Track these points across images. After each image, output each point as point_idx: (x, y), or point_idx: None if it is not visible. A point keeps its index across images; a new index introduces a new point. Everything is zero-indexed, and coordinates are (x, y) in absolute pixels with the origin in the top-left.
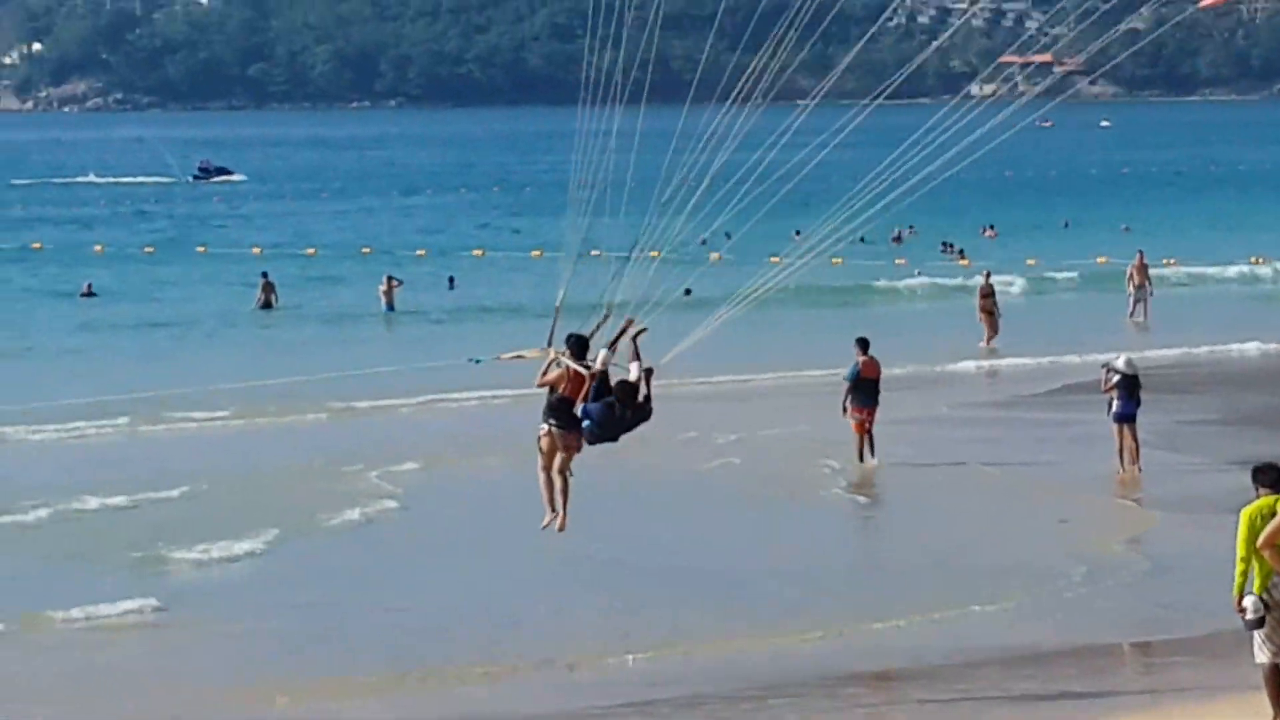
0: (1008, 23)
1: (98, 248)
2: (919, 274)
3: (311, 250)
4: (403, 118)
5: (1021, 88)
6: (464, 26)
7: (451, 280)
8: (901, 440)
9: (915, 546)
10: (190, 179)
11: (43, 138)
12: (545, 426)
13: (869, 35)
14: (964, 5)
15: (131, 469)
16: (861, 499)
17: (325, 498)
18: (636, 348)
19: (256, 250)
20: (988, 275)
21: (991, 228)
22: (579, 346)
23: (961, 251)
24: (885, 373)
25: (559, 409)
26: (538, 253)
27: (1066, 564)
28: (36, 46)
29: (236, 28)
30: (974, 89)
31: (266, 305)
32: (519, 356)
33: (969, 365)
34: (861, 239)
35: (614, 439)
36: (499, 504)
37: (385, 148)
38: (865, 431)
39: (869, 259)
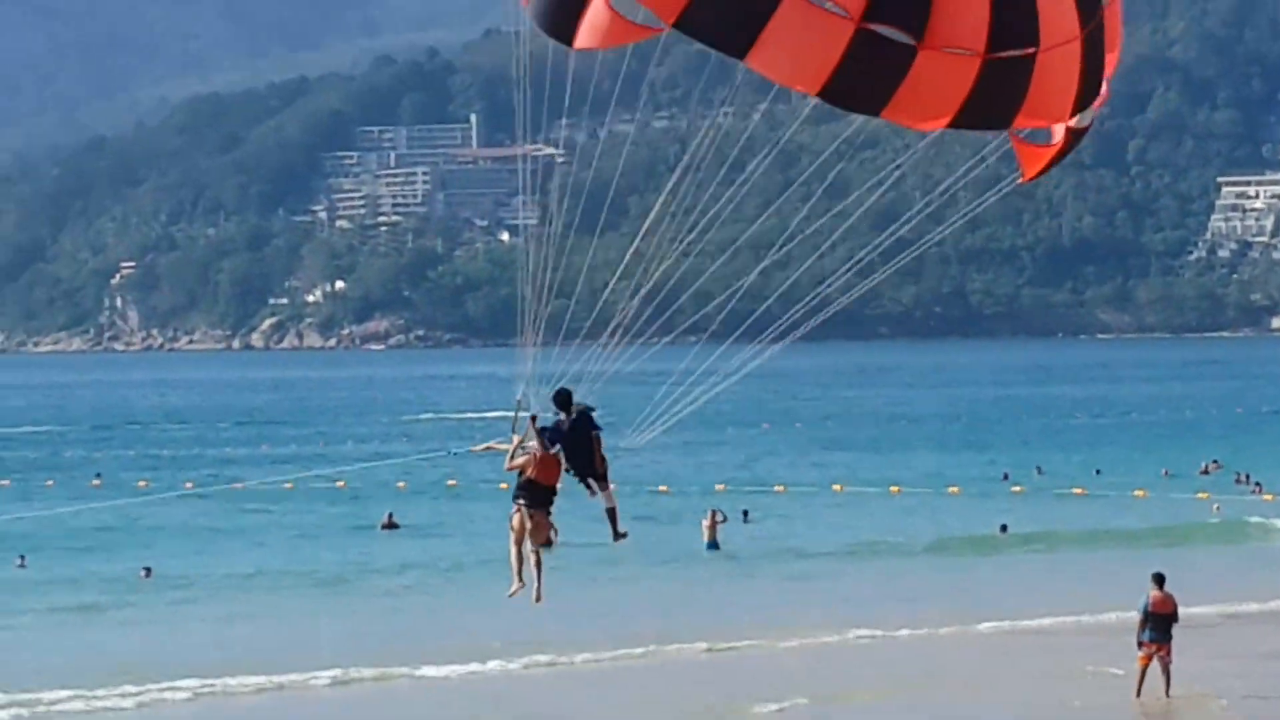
0: None
1: (400, 484)
2: (1218, 510)
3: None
4: (703, 354)
5: None
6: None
7: (746, 514)
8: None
9: None
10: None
11: (353, 375)
12: (516, 505)
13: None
14: (1265, 239)
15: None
16: None
17: None
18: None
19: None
20: None
21: None
22: (561, 401)
23: (1259, 485)
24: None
25: (528, 489)
26: (839, 487)
27: None
28: (340, 285)
29: (538, 265)
30: (1275, 323)
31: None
32: (490, 448)
33: None
34: (1166, 473)
35: (583, 463)
36: None
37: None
38: (1151, 664)
39: (1178, 492)
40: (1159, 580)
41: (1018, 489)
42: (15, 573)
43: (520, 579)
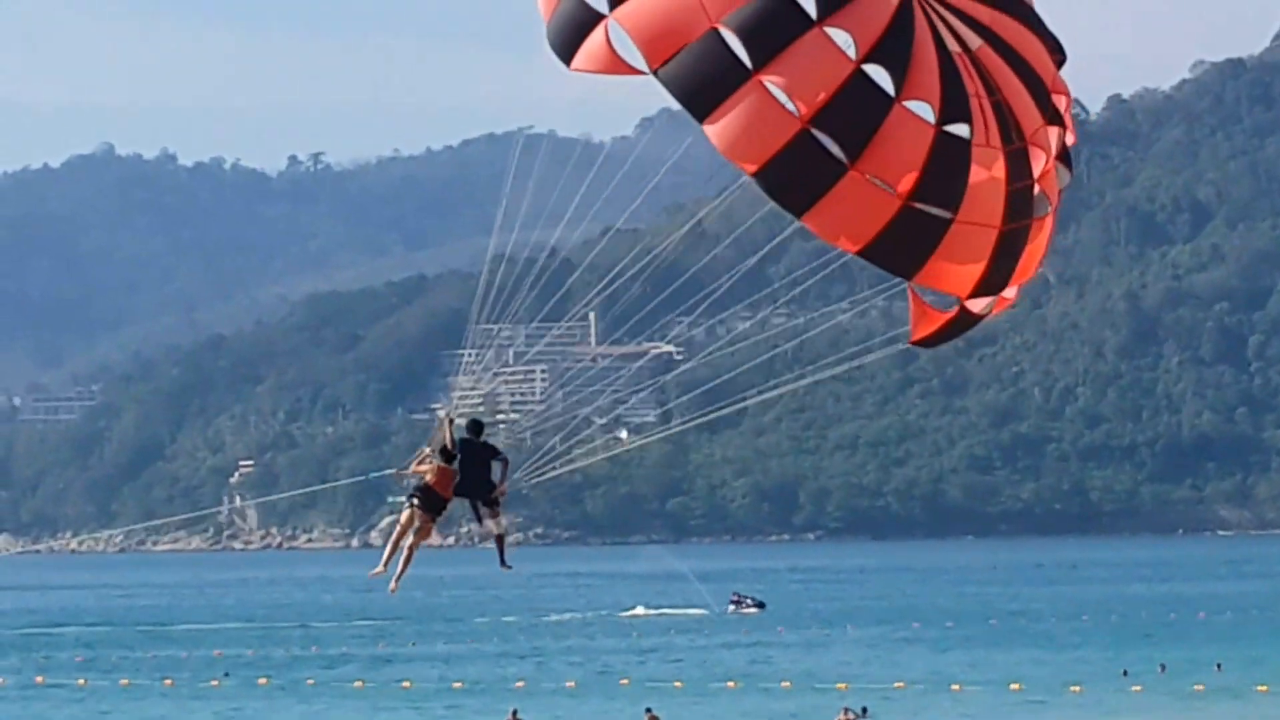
0: None
1: (519, 683)
2: None
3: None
4: (822, 550)
5: None
6: (882, 459)
7: (865, 710)
8: None
9: None
10: (726, 609)
11: (468, 574)
12: (410, 504)
13: None
14: None
15: None
16: None
17: None
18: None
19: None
20: None
21: None
22: (474, 428)
23: None
24: None
25: (424, 493)
26: (957, 686)
27: None
28: None
29: (656, 462)
30: None
31: None
32: (403, 472)
33: None
34: None
35: (475, 484)
36: None
37: (817, 579)
38: None
39: None
40: None
41: (1137, 688)
42: None
43: (385, 567)
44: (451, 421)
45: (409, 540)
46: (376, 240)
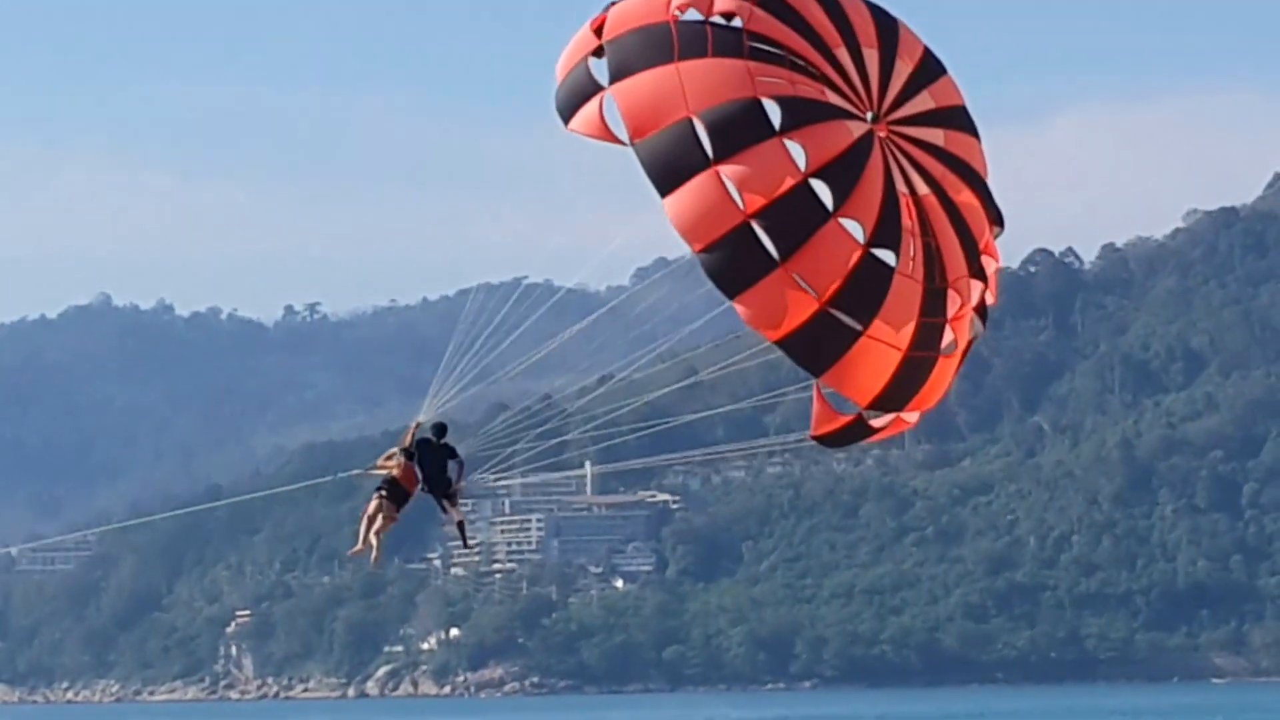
0: None
1: None
2: None
3: None
4: (818, 699)
5: None
6: (878, 608)
7: None
8: None
9: None
10: None
11: None
12: (378, 494)
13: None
14: None
15: None
16: None
17: None
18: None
19: None
20: None
21: None
22: (438, 430)
23: None
24: None
25: (391, 486)
26: None
27: None
28: (454, 632)
29: (652, 612)
30: None
31: None
32: (379, 467)
33: None
34: None
35: (436, 480)
36: None
37: None
38: None
39: None
40: None
41: None
42: None
43: (363, 544)
44: (418, 426)
45: (377, 526)
46: (373, 390)
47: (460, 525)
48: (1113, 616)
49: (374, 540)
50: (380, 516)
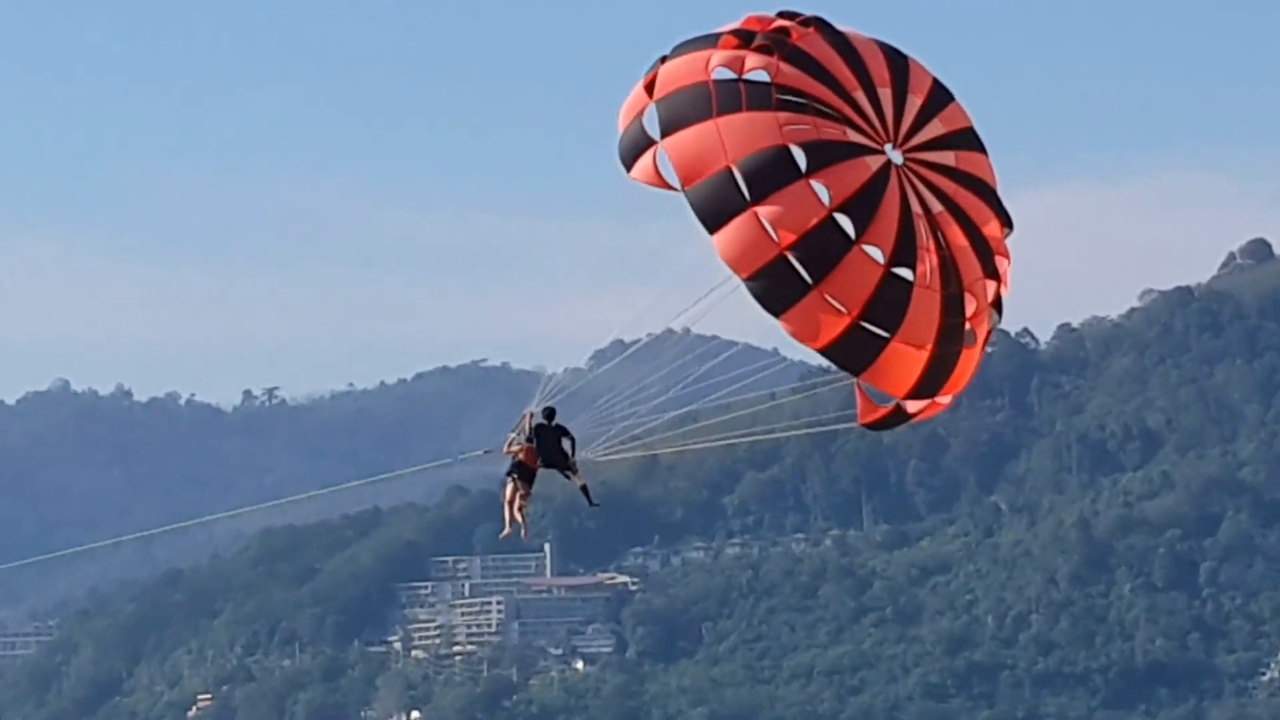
0: None
1: None
2: None
3: None
4: None
5: None
6: (837, 688)
7: None
8: None
9: None
10: None
11: None
12: (511, 479)
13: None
14: None
15: None
16: None
17: None
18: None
19: None
20: None
21: None
22: (548, 414)
23: None
24: None
25: (519, 468)
26: None
27: None
28: (415, 715)
29: (613, 693)
30: None
31: None
32: (493, 452)
33: None
34: None
35: (553, 456)
36: None
37: None
38: None
39: None
40: None
41: None
42: None
43: (509, 526)
44: (532, 415)
45: (518, 504)
46: (331, 474)
47: (584, 488)
48: (1071, 695)
49: (518, 517)
50: (517, 496)
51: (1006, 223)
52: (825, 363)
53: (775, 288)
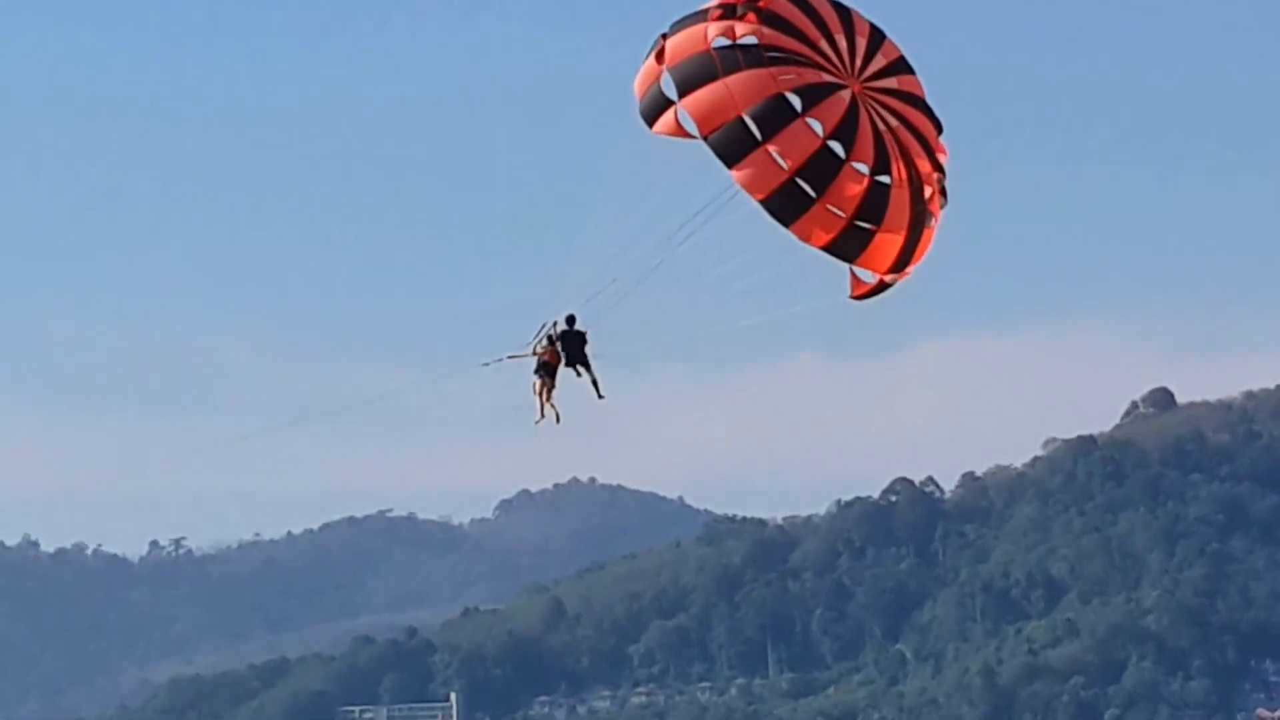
0: None
1: None
2: None
3: None
4: None
5: None
6: None
7: None
8: None
9: None
10: None
11: None
12: (537, 377)
13: None
14: None
15: None
16: None
17: None
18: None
19: None
20: None
21: None
22: (569, 319)
23: None
24: None
25: (544, 367)
26: None
27: None
28: None
29: None
30: None
31: None
32: (517, 356)
33: None
34: None
35: (578, 358)
36: None
37: None
38: None
39: None
40: None
41: None
42: None
43: (543, 414)
44: (556, 324)
45: (545, 396)
46: (238, 624)
47: (595, 382)
48: None
49: (550, 405)
50: (545, 389)
51: (937, 125)
52: (731, 511)
53: (787, 204)
